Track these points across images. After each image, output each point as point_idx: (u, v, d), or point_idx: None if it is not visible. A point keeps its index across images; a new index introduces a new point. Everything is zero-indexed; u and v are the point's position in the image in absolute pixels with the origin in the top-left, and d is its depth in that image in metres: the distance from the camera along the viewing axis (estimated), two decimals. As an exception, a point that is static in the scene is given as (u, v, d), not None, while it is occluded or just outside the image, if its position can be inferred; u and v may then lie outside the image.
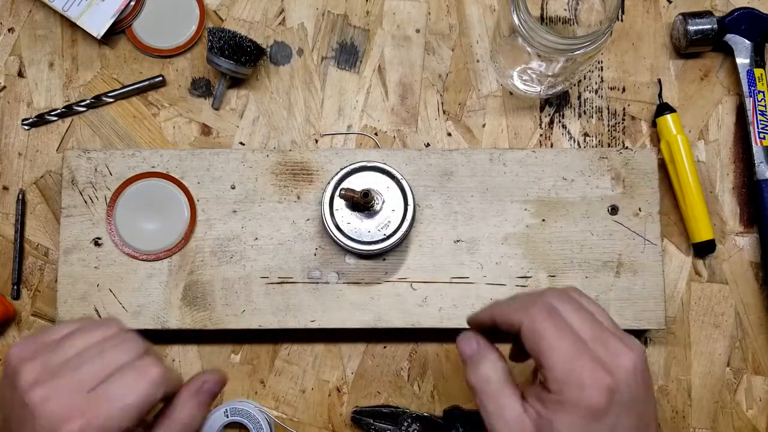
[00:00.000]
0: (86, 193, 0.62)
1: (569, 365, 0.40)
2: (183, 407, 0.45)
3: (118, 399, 0.41)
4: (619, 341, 0.43)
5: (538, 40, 0.57)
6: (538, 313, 0.42)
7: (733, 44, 0.66)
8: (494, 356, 0.45)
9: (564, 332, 0.42)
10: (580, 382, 0.40)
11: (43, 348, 0.43)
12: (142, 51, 0.67)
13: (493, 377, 0.44)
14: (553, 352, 0.41)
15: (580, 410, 0.40)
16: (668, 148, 0.64)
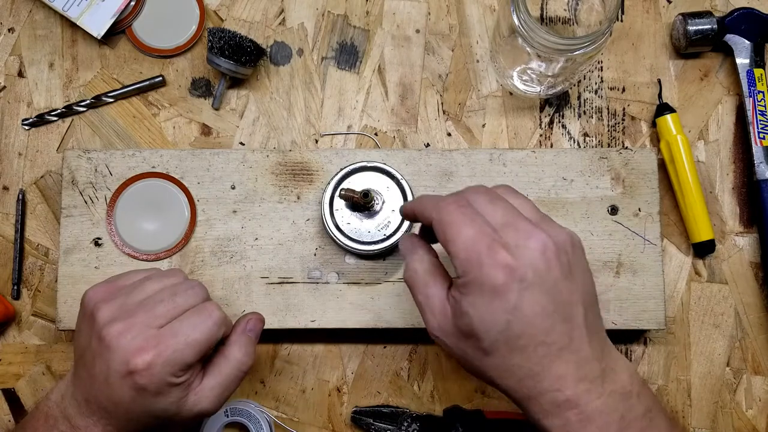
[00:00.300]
0: (86, 193, 0.62)
1: (471, 248, 0.41)
2: (236, 346, 0.52)
3: (185, 335, 0.48)
4: (532, 226, 0.43)
5: (538, 41, 0.57)
6: (449, 205, 0.44)
7: (732, 44, 0.66)
8: (422, 251, 0.47)
9: (471, 220, 0.42)
10: (479, 262, 0.41)
11: (119, 291, 0.51)
12: (142, 51, 0.67)
13: (419, 270, 0.46)
14: (458, 239, 0.42)
15: (481, 289, 0.41)
16: (668, 148, 0.64)
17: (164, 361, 0.47)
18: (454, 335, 0.43)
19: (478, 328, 0.42)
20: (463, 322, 0.42)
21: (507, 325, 0.41)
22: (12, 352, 0.64)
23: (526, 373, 0.42)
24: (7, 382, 0.64)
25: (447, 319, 0.44)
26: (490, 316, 0.41)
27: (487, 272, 0.41)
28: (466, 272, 0.42)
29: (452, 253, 0.42)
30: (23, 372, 0.64)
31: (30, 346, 0.64)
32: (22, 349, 0.64)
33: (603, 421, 0.41)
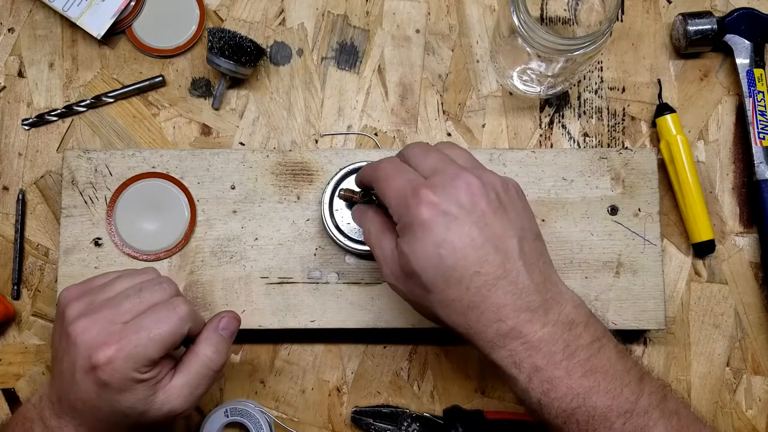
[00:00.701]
0: (86, 194, 0.62)
1: (401, 194, 0.45)
2: (206, 343, 0.51)
3: (148, 330, 0.47)
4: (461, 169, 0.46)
5: (538, 41, 0.57)
6: (383, 163, 0.49)
7: (732, 44, 0.66)
8: (371, 212, 0.52)
9: (401, 172, 0.47)
10: (407, 204, 0.44)
11: (90, 290, 0.51)
12: (142, 51, 0.67)
13: (372, 229, 0.50)
14: (389, 189, 0.47)
15: (411, 228, 0.44)
16: (668, 148, 0.65)
17: (126, 356, 0.46)
18: (401, 277, 0.46)
19: (415, 266, 0.44)
20: (403, 262, 0.45)
21: (440, 259, 0.43)
22: (12, 352, 0.64)
23: (467, 305, 0.44)
24: (7, 382, 0.64)
25: (395, 264, 0.47)
26: (422, 252, 0.44)
27: (414, 211, 0.44)
28: (399, 217, 0.46)
29: (387, 203, 0.47)
30: (23, 372, 0.64)
31: (30, 346, 0.64)
32: (22, 349, 0.64)
33: (548, 350, 0.43)
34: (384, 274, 0.48)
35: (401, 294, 0.48)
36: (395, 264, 0.47)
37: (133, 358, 0.46)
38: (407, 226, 0.45)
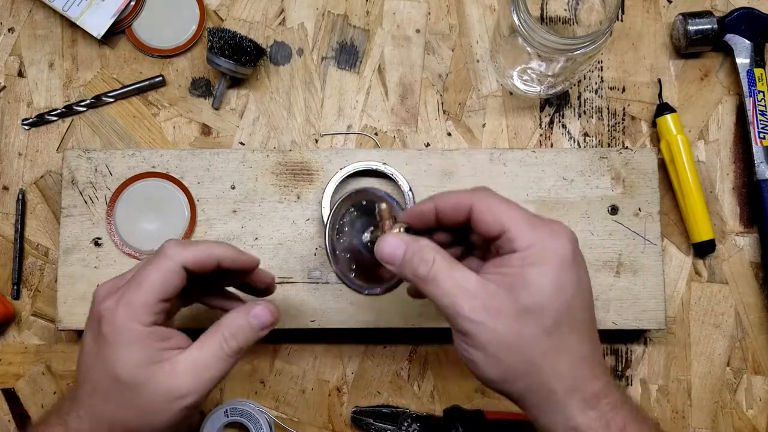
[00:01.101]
0: (86, 193, 0.62)
1: (531, 227, 0.42)
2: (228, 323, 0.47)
3: (143, 277, 0.45)
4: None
5: (538, 40, 0.57)
6: (485, 192, 0.45)
7: (733, 44, 0.66)
8: (426, 240, 0.45)
9: (513, 204, 0.44)
10: (548, 237, 0.42)
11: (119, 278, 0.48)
12: (142, 51, 0.67)
13: (438, 258, 0.43)
14: (514, 219, 0.42)
15: (552, 259, 0.41)
16: (668, 148, 0.64)
17: (124, 305, 0.44)
18: (509, 314, 0.41)
19: (544, 301, 0.40)
20: (527, 294, 0.41)
21: (572, 299, 0.41)
22: (12, 352, 0.64)
23: (580, 356, 0.41)
24: (7, 382, 0.64)
25: (496, 297, 0.41)
26: (559, 287, 0.41)
27: (560, 246, 0.41)
28: (532, 243, 0.41)
29: (511, 231, 0.42)
30: (23, 372, 0.64)
31: (30, 346, 0.64)
32: (22, 349, 0.64)
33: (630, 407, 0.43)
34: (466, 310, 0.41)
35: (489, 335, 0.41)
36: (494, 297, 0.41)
37: (130, 305, 0.44)
38: (544, 257, 0.41)
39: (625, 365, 0.64)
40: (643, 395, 0.64)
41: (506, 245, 0.42)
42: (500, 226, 0.42)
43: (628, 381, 0.64)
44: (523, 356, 0.41)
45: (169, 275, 0.45)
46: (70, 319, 0.61)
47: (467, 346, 0.42)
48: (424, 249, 0.44)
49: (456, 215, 0.45)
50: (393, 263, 0.45)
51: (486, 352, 0.41)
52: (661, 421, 0.64)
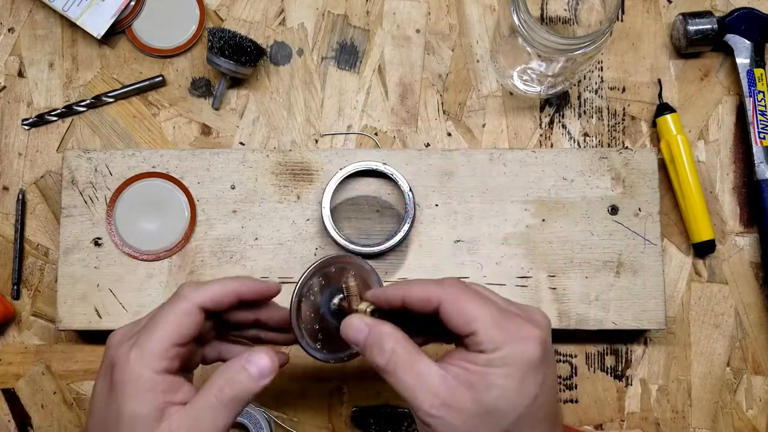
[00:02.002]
0: (86, 193, 0.62)
1: (501, 330, 0.41)
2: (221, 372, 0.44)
3: (157, 320, 0.43)
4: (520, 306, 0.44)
5: (538, 40, 0.57)
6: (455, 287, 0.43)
7: (733, 44, 0.66)
8: (389, 328, 0.43)
9: (484, 300, 0.42)
10: (517, 335, 0.41)
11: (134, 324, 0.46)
12: (142, 51, 0.67)
13: (398, 349, 0.42)
14: (483, 322, 0.41)
15: (517, 363, 0.40)
16: (668, 148, 0.64)
17: (138, 348, 0.42)
18: (469, 412, 0.40)
19: (505, 404, 0.40)
20: (489, 395, 0.40)
21: (534, 399, 0.41)
22: (12, 352, 0.64)
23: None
24: (7, 382, 0.64)
25: (457, 394, 0.40)
26: (522, 390, 0.40)
27: (526, 346, 0.41)
28: (498, 348, 0.41)
29: (478, 328, 0.41)
30: (23, 372, 0.64)
31: (30, 346, 0.64)
32: (22, 349, 0.64)
33: None
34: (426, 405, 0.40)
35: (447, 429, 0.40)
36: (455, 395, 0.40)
37: (143, 351, 0.42)
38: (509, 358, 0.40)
39: (625, 365, 0.64)
40: (643, 395, 0.64)
41: (473, 345, 0.41)
42: (469, 329, 0.41)
43: (628, 381, 0.64)
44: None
45: (184, 317, 0.44)
46: (70, 319, 0.61)
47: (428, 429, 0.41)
48: (383, 338, 0.43)
49: (424, 308, 0.44)
50: (356, 345, 0.44)
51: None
52: (661, 421, 0.64)
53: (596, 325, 0.61)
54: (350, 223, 0.62)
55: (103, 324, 0.61)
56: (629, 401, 0.64)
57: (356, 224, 0.62)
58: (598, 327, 0.61)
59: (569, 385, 0.64)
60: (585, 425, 0.64)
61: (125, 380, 0.42)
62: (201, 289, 0.45)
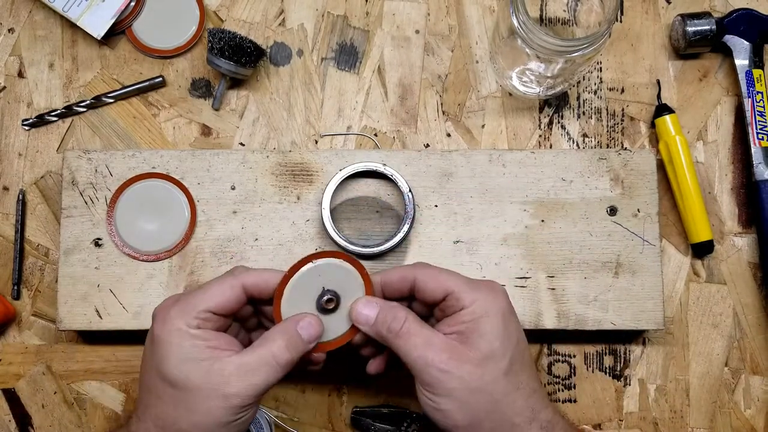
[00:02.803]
0: (86, 194, 0.62)
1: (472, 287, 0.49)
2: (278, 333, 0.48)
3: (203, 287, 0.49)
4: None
5: (537, 42, 0.57)
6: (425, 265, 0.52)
7: (731, 45, 0.66)
8: (397, 303, 0.51)
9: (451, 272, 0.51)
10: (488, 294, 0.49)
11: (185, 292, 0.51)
12: (142, 51, 0.68)
13: (410, 317, 0.49)
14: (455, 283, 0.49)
15: (497, 315, 0.48)
16: (667, 149, 0.65)
17: (178, 306, 0.47)
18: (472, 362, 0.47)
19: (498, 346, 0.47)
20: (483, 342, 0.47)
21: (518, 343, 0.48)
22: (12, 352, 0.64)
23: (531, 390, 0.48)
24: (7, 382, 0.64)
25: (458, 350, 0.47)
26: (507, 333, 0.48)
27: (500, 301, 0.49)
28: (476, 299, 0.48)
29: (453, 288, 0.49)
30: (23, 372, 0.64)
31: (30, 346, 0.65)
32: (22, 349, 0.64)
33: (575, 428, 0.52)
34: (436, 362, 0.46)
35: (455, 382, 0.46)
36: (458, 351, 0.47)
37: (182, 308, 0.47)
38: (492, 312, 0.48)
39: (624, 365, 0.64)
40: (641, 395, 0.64)
41: (453, 304, 0.49)
42: (444, 290, 0.49)
43: (626, 381, 0.64)
44: (487, 397, 0.47)
45: (226, 290, 0.49)
46: (70, 319, 0.61)
47: (434, 396, 0.47)
48: (396, 308, 0.50)
49: (401, 287, 0.51)
50: (367, 323, 0.50)
51: (453, 398, 0.46)
52: (659, 421, 0.64)
53: (595, 325, 0.61)
54: (350, 224, 0.63)
55: (103, 324, 0.61)
56: (628, 401, 0.64)
57: (356, 225, 0.63)
58: (596, 327, 0.61)
59: (568, 385, 0.64)
60: (583, 425, 0.64)
61: (163, 331, 0.46)
62: (251, 271, 0.50)
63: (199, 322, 0.47)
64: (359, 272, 0.52)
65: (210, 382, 0.45)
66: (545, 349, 0.65)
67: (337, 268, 0.52)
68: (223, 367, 0.46)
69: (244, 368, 0.46)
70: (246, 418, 0.47)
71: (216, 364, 0.46)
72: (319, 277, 0.51)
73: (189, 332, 0.46)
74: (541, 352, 0.64)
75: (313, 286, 0.51)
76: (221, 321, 0.49)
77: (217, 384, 0.45)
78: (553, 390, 0.64)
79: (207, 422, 0.45)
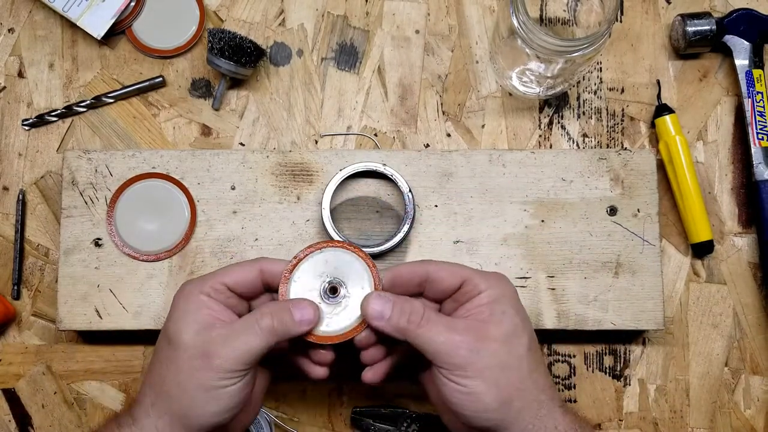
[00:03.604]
0: (86, 194, 0.62)
1: (483, 275, 0.50)
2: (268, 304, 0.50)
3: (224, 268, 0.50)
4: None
5: (537, 42, 0.57)
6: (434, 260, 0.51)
7: (731, 45, 0.66)
8: (412, 298, 0.50)
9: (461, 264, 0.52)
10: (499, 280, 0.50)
11: None
12: (142, 51, 0.68)
13: (428, 310, 0.49)
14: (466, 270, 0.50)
15: (509, 297, 0.49)
16: (667, 149, 0.65)
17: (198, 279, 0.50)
18: (498, 339, 0.47)
19: (519, 322, 0.48)
20: (505, 322, 0.48)
21: (530, 324, 0.50)
22: (12, 352, 0.64)
23: (545, 369, 0.49)
24: (7, 382, 0.64)
25: (482, 331, 0.47)
26: (522, 315, 0.49)
27: (510, 286, 0.50)
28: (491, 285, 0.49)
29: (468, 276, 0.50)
30: (23, 372, 0.64)
31: (30, 346, 0.65)
32: (22, 349, 0.64)
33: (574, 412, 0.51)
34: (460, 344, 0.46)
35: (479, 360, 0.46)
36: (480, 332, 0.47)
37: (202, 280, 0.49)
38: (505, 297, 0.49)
39: (624, 365, 0.64)
40: (641, 395, 0.64)
41: (470, 290, 0.49)
42: (459, 278, 0.50)
43: (626, 381, 0.64)
44: (516, 374, 0.47)
45: (245, 268, 0.50)
46: (70, 319, 0.61)
47: (465, 379, 0.46)
48: (412, 302, 0.49)
49: (411, 282, 0.51)
50: (381, 318, 0.49)
51: (485, 378, 0.46)
52: (659, 421, 0.64)
53: (595, 325, 0.61)
54: (350, 224, 0.63)
55: (103, 324, 0.61)
56: (627, 401, 0.64)
57: (356, 225, 0.63)
58: (596, 327, 0.61)
59: (568, 384, 0.64)
60: (584, 425, 0.64)
61: (179, 294, 0.49)
62: (271, 259, 0.52)
63: (210, 291, 0.49)
64: (368, 265, 0.52)
65: (196, 341, 0.47)
66: (545, 349, 0.65)
67: (345, 258, 0.52)
68: (212, 330, 0.47)
69: (228, 330, 0.47)
70: (230, 389, 0.46)
71: (207, 327, 0.47)
72: (326, 264, 0.51)
73: (197, 297, 0.48)
74: (541, 352, 0.64)
75: (319, 273, 0.51)
76: (234, 299, 0.50)
77: (202, 343, 0.47)
78: (553, 390, 0.64)
79: (190, 384, 0.46)
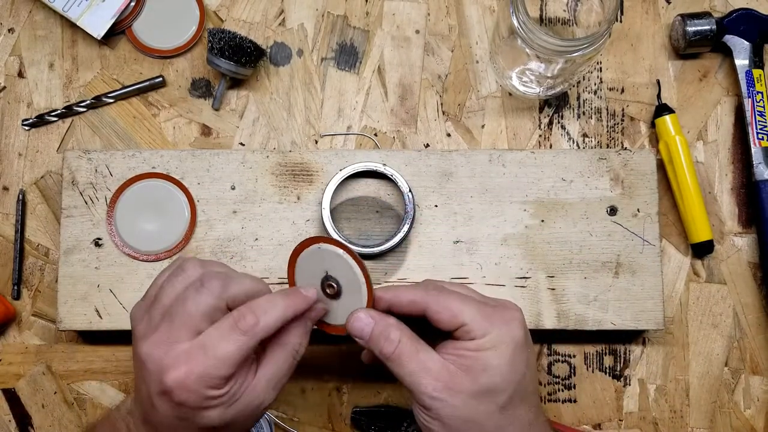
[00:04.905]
0: (86, 194, 0.62)
1: (485, 317, 0.46)
2: (295, 332, 0.49)
3: (213, 349, 0.44)
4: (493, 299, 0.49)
5: (537, 42, 0.57)
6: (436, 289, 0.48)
7: (731, 45, 0.66)
8: (394, 320, 0.48)
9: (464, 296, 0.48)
10: (502, 324, 0.46)
11: (148, 305, 0.47)
12: (142, 51, 0.68)
13: (404, 338, 0.46)
14: (469, 314, 0.46)
15: (507, 343, 0.46)
16: (667, 148, 0.65)
17: (197, 377, 0.44)
18: (468, 393, 0.45)
19: (500, 381, 0.45)
20: (485, 376, 0.45)
21: (523, 377, 0.46)
22: (12, 352, 0.64)
23: (527, 422, 0.46)
24: (7, 382, 0.64)
25: (456, 378, 0.45)
26: (513, 368, 0.45)
27: (513, 331, 0.46)
28: (488, 331, 0.46)
29: (466, 320, 0.46)
30: (23, 372, 0.64)
31: (30, 346, 0.65)
32: (22, 349, 0.64)
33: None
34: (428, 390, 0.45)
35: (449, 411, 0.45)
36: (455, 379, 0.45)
37: (204, 377, 0.44)
38: (500, 340, 0.45)
39: (624, 365, 0.64)
40: (641, 395, 0.64)
41: (464, 335, 0.46)
42: (458, 322, 0.46)
43: (626, 381, 0.64)
44: (478, 428, 0.45)
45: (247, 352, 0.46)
46: (70, 319, 0.61)
47: (428, 417, 0.46)
48: (390, 329, 0.47)
49: (410, 311, 0.48)
50: (362, 338, 0.48)
51: (444, 424, 0.45)
52: (659, 421, 0.64)
53: (595, 325, 0.61)
54: (350, 224, 0.63)
55: (103, 324, 0.61)
56: (627, 401, 0.64)
57: (356, 225, 0.63)
58: (596, 327, 0.61)
59: (568, 385, 0.64)
60: (583, 425, 0.64)
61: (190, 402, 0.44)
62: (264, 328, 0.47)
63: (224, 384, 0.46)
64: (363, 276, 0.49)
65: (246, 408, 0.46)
66: (545, 349, 0.65)
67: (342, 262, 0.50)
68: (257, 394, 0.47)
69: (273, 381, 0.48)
70: None
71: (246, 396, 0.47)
72: (323, 262, 0.50)
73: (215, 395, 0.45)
74: (541, 352, 0.64)
75: (316, 268, 0.50)
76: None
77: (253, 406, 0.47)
78: (553, 390, 0.64)
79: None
